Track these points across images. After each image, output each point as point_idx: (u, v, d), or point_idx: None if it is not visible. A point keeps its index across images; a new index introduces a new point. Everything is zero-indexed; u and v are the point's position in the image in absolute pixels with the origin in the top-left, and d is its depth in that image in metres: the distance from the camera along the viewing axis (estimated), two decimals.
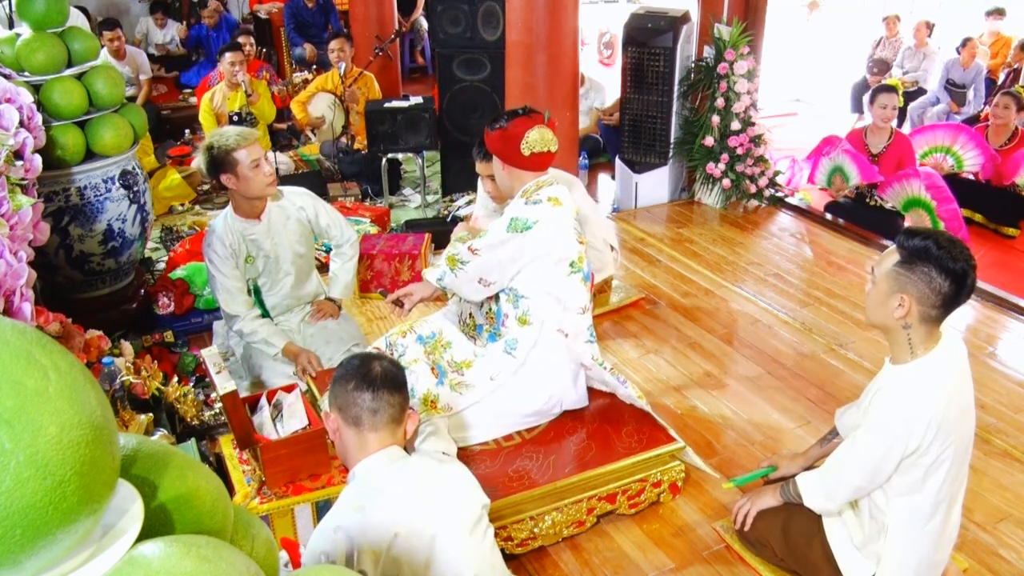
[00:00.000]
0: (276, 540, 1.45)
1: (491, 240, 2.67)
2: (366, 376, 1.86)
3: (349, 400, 1.86)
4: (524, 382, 2.73)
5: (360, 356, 1.95)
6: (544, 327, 2.70)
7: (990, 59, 7.95)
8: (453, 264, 2.73)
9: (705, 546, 2.66)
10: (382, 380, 1.87)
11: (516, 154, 2.68)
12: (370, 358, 1.92)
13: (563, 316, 2.71)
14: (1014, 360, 3.75)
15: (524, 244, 2.62)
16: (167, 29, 8.29)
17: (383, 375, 1.88)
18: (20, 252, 2.24)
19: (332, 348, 3.30)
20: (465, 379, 2.73)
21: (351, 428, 1.87)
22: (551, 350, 2.72)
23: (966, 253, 1.99)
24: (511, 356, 2.72)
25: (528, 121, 2.67)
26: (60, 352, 0.73)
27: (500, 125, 2.70)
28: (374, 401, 1.85)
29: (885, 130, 5.05)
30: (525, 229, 2.61)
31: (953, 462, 2.09)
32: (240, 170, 2.97)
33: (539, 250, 2.63)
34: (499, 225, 2.69)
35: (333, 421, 1.90)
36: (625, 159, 5.58)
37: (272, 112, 5.95)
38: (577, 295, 2.71)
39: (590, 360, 2.79)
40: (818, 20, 10.40)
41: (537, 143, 2.66)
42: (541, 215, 2.62)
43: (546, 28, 4.53)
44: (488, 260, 2.67)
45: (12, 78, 3.20)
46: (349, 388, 1.86)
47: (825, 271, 4.61)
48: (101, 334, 3.04)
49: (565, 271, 2.67)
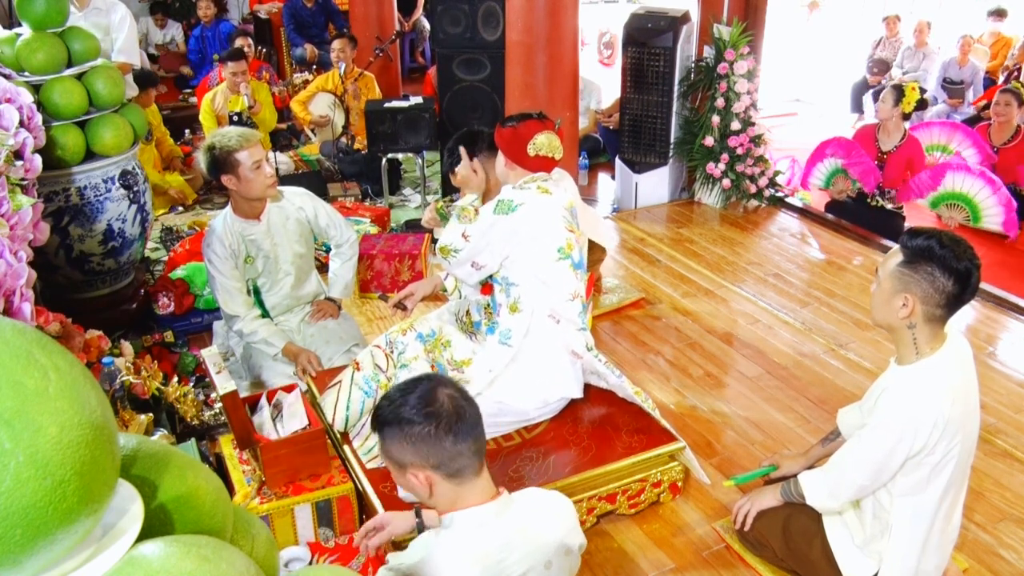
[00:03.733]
0: (276, 540, 1.44)
1: (480, 226, 2.77)
2: (449, 416, 1.57)
3: (446, 453, 1.56)
4: (519, 373, 2.74)
5: (420, 391, 1.60)
6: (535, 314, 2.74)
7: (990, 60, 7.96)
8: (446, 254, 2.84)
9: (705, 546, 2.66)
10: (464, 416, 1.60)
11: (522, 153, 2.77)
12: (432, 389, 1.61)
13: (552, 301, 2.74)
14: (1014, 360, 3.75)
15: (509, 225, 2.70)
16: (167, 29, 8.29)
17: (459, 408, 1.60)
18: (20, 252, 2.24)
19: (332, 348, 3.30)
20: (465, 376, 2.74)
21: (450, 482, 1.60)
22: (543, 337, 2.75)
23: (969, 252, 1.99)
24: (506, 346, 2.74)
25: (539, 125, 2.77)
26: (60, 352, 0.73)
27: (512, 124, 2.79)
28: (475, 442, 1.60)
29: (899, 130, 4.98)
30: (510, 211, 2.70)
31: (958, 462, 2.09)
32: (241, 171, 2.97)
33: (523, 231, 2.69)
34: (487, 209, 2.80)
35: (425, 480, 1.59)
36: (625, 159, 5.58)
37: (274, 120, 5.93)
38: (565, 281, 2.75)
39: (583, 348, 2.80)
40: (818, 20, 10.40)
41: (544, 147, 2.76)
42: (527, 198, 2.72)
43: (546, 28, 4.53)
44: (478, 244, 2.78)
45: (12, 78, 3.20)
46: (439, 437, 1.56)
47: (825, 271, 4.61)
48: (101, 334, 3.04)
49: (553, 256, 2.72)
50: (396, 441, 1.58)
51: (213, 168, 2.99)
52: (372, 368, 2.81)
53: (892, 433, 2.05)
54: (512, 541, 1.62)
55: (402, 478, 1.64)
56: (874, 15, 9.54)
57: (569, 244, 2.75)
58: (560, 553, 1.70)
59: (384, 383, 2.78)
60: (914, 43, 8.10)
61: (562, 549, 1.70)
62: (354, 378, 2.79)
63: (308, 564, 2.35)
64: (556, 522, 1.73)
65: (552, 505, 1.77)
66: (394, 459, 1.61)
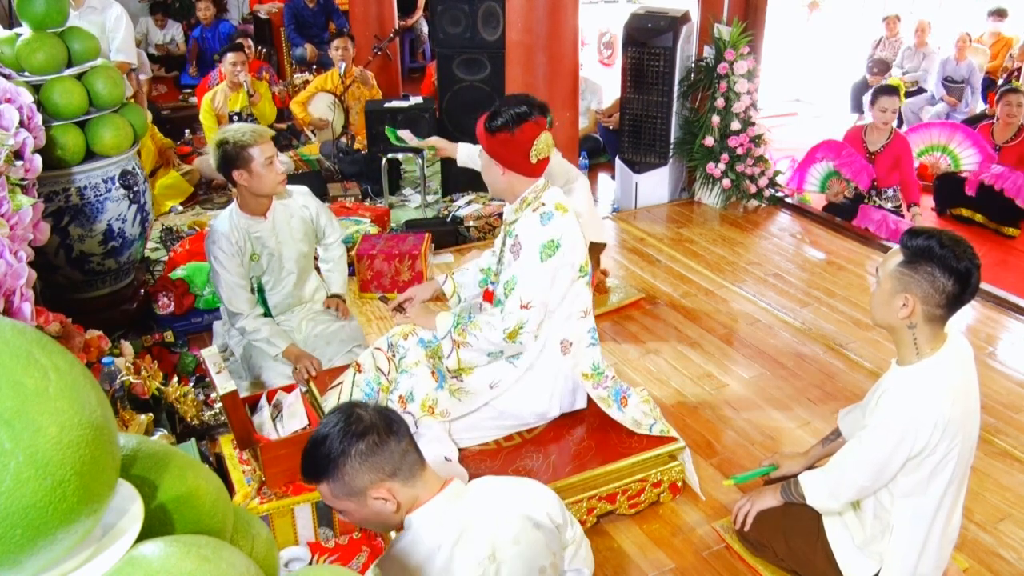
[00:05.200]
0: (276, 540, 1.44)
1: (538, 285, 2.55)
2: (380, 423, 1.60)
3: (397, 454, 1.58)
4: (524, 391, 2.72)
5: (340, 423, 1.59)
6: (549, 341, 2.67)
7: (990, 60, 7.96)
8: (514, 337, 2.57)
9: (705, 546, 2.66)
10: (392, 417, 1.63)
11: (523, 161, 2.53)
12: (349, 414, 1.61)
13: (566, 328, 2.68)
14: (1014, 360, 3.75)
15: (559, 261, 2.56)
16: (167, 29, 8.29)
17: (382, 413, 1.63)
18: (20, 252, 2.24)
19: (333, 349, 3.30)
20: (464, 385, 2.69)
21: (407, 486, 1.60)
22: (553, 362, 2.70)
23: (969, 252, 1.99)
24: (512, 366, 2.69)
25: (536, 127, 2.51)
26: (60, 352, 0.73)
27: (507, 129, 2.49)
28: (411, 438, 1.63)
29: (885, 130, 5.05)
30: (556, 249, 2.54)
31: (959, 462, 2.09)
32: (254, 167, 2.97)
33: (565, 261, 2.58)
34: (532, 263, 2.54)
35: (388, 493, 1.58)
36: (625, 159, 5.58)
37: (273, 113, 5.96)
38: (581, 298, 2.69)
39: (590, 368, 2.75)
40: (818, 20, 10.40)
41: (544, 150, 2.54)
42: (563, 229, 2.54)
43: (546, 28, 4.53)
44: (542, 299, 2.57)
45: (12, 78, 3.20)
46: (384, 442, 1.58)
47: (825, 271, 4.61)
48: (101, 334, 3.04)
49: (574, 276, 2.64)
50: (346, 471, 1.55)
51: (224, 163, 2.98)
52: (374, 371, 2.79)
53: (893, 433, 2.05)
54: (471, 521, 1.63)
55: (363, 509, 1.60)
56: (874, 15, 9.54)
57: (586, 260, 2.67)
58: (528, 527, 1.68)
59: (385, 385, 2.75)
60: (914, 43, 8.10)
61: (529, 523, 1.69)
62: (355, 380, 2.78)
63: (308, 564, 2.35)
64: (515, 498, 1.73)
65: (513, 484, 1.79)
66: (351, 491, 1.57)
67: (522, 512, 1.70)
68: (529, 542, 1.68)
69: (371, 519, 1.63)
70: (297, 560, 2.37)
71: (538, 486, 1.82)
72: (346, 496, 1.59)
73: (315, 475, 1.60)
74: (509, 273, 2.60)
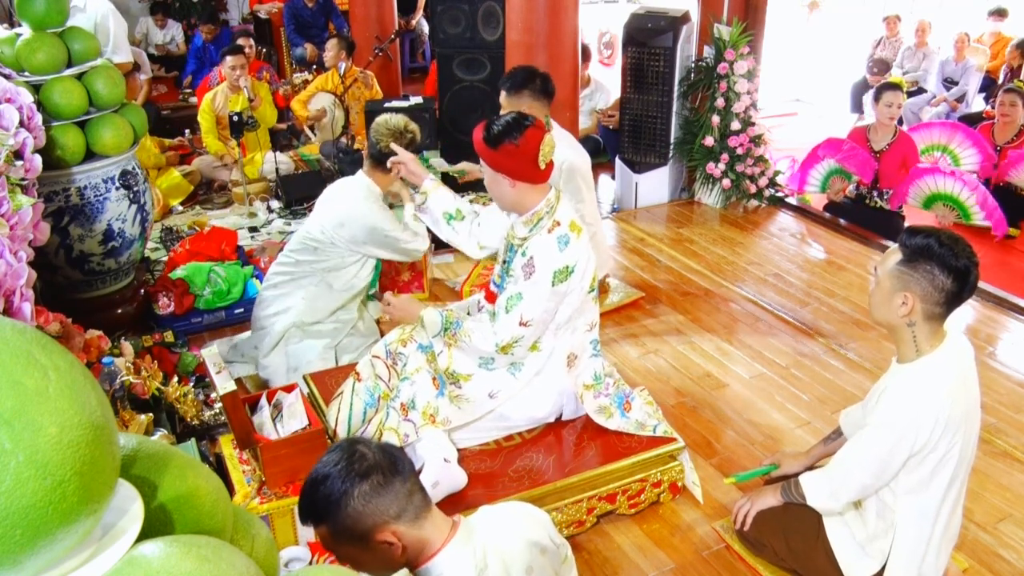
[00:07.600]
0: (276, 540, 1.44)
1: (542, 306, 2.52)
2: (384, 461, 1.51)
3: (403, 495, 1.49)
4: (525, 401, 2.72)
5: (341, 462, 1.50)
6: (555, 354, 2.67)
7: (990, 60, 7.96)
8: (507, 350, 2.56)
9: (705, 546, 2.66)
10: (396, 454, 1.54)
11: (532, 169, 2.43)
12: (350, 452, 1.52)
13: (573, 339, 2.68)
14: (1014, 360, 3.75)
15: (569, 287, 2.54)
16: (167, 29, 8.29)
17: (385, 451, 1.54)
18: (20, 252, 2.24)
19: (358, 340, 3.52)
20: (463, 392, 2.67)
21: (414, 529, 1.51)
22: (558, 375, 2.70)
23: (968, 250, 2.00)
24: (513, 377, 2.68)
25: (538, 131, 2.42)
26: (60, 352, 0.73)
27: (511, 140, 2.39)
28: (415, 477, 1.55)
29: (889, 128, 4.98)
30: (569, 275, 2.51)
31: (960, 460, 2.10)
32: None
33: (574, 286, 2.57)
34: (542, 286, 2.49)
35: (393, 536, 1.49)
36: (625, 159, 5.59)
37: (274, 116, 5.94)
38: (589, 314, 2.69)
39: (591, 378, 2.75)
40: (818, 20, 10.41)
41: (549, 152, 2.45)
42: (578, 256, 2.51)
43: (546, 28, 4.53)
44: (543, 319, 2.55)
45: (12, 78, 3.20)
46: (389, 482, 1.48)
47: (825, 271, 4.61)
48: (101, 334, 3.04)
49: (583, 296, 2.63)
50: (349, 514, 1.46)
51: (379, 154, 3.27)
52: (373, 378, 2.76)
53: (894, 431, 2.06)
54: (486, 560, 1.58)
55: (367, 554, 1.50)
56: (874, 15, 9.54)
57: (594, 276, 2.65)
58: (536, 553, 1.68)
59: (385, 392, 2.73)
60: (915, 43, 8.10)
61: (536, 549, 1.68)
62: (355, 388, 2.75)
63: (308, 564, 2.35)
64: (518, 526, 1.71)
65: (509, 513, 1.76)
66: (354, 536, 1.47)
67: (528, 539, 1.68)
68: (539, 567, 1.68)
69: (375, 565, 1.53)
70: (297, 560, 2.36)
71: (532, 509, 1.81)
72: (348, 541, 1.49)
73: (314, 517, 1.50)
74: (516, 289, 2.55)
